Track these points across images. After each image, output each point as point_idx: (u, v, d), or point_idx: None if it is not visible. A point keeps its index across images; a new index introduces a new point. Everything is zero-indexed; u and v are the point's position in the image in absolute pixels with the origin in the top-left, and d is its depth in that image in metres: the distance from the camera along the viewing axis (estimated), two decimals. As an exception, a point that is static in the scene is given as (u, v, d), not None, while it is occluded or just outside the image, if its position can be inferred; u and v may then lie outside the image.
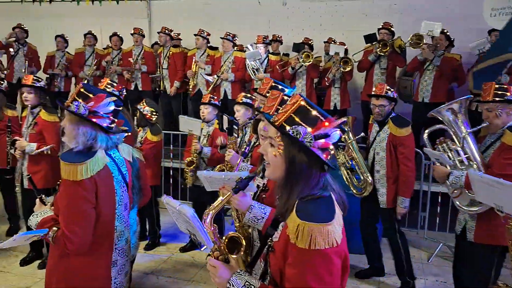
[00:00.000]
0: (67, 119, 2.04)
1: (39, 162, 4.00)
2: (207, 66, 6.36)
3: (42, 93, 4.08)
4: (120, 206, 2.11)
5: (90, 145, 2.00)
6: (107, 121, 2.03)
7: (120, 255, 2.14)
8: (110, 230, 2.08)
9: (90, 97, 1.99)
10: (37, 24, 7.82)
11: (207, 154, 4.29)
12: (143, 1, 7.96)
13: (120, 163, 2.15)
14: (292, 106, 1.43)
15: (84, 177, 1.92)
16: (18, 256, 4.40)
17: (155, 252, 4.63)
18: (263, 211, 1.93)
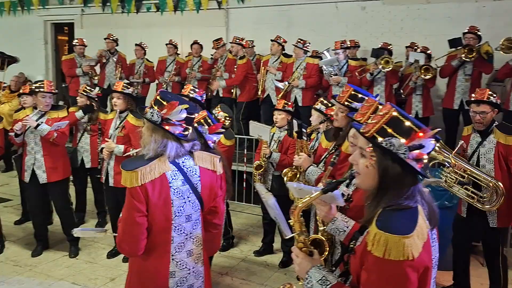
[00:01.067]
0: (145, 126, 2.08)
1: (125, 164, 4.27)
2: (278, 72, 6.41)
3: (130, 99, 4.35)
4: (178, 217, 2.04)
5: (161, 152, 2.01)
6: (179, 128, 2.02)
7: (179, 267, 2.07)
8: (166, 241, 2.04)
9: (164, 105, 2.00)
10: (125, 33, 8.38)
11: (275, 160, 4.31)
12: (222, 9, 8.21)
13: (190, 172, 2.08)
14: (383, 117, 1.41)
15: (136, 185, 1.93)
16: (106, 249, 4.73)
17: (229, 254, 4.73)
18: (346, 224, 1.89)
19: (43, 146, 4.31)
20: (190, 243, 2.11)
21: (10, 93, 7.79)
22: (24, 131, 4.28)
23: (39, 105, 4.31)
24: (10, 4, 10.36)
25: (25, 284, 3.96)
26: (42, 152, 4.32)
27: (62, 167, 4.47)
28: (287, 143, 4.35)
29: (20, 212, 5.60)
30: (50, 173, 4.34)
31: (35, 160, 4.32)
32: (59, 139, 4.29)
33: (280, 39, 6.48)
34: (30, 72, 9.45)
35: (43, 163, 4.32)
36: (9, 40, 10.35)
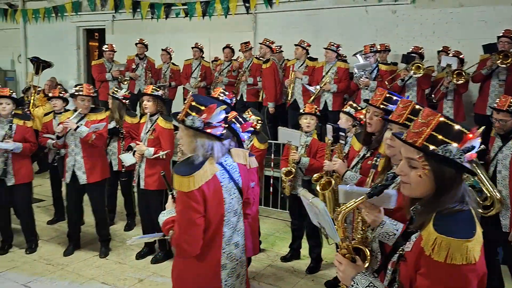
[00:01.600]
0: (183, 133, 2.11)
1: (155, 166, 4.31)
2: (305, 76, 6.38)
3: (160, 101, 4.41)
4: (229, 213, 2.14)
5: (210, 155, 2.07)
6: (220, 129, 2.08)
7: (229, 259, 2.18)
8: (219, 236, 2.14)
9: (202, 110, 2.03)
10: (154, 39, 8.53)
11: (305, 164, 4.27)
12: (250, 14, 8.26)
13: (232, 169, 2.18)
14: (430, 124, 1.41)
15: (193, 188, 1.99)
16: (134, 250, 4.78)
17: (256, 258, 4.71)
18: (395, 227, 1.86)
19: (83, 148, 4.40)
20: (236, 235, 2.22)
21: (44, 96, 8.03)
22: (65, 133, 4.37)
23: (79, 108, 4.42)
24: (45, 11, 10.72)
25: (57, 282, 4.04)
26: (82, 153, 4.41)
27: (101, 169, 4.55)
28: (315, 147, 4.32)
29: (52, 212, 5.74)
30: (89, 174, 4.44)
31: (75, 162, 4.42)
32: (97, 140, 4.38)
33: (303, 43, 6.47)
34: (62, 76, 9.74)
35: (83, 164, 4.41)
36: (44, 45, 10.72)
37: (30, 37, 11.28)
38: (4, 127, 4.36)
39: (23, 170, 4.46)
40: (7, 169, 4.38)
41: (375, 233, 1.89)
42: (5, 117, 4.36)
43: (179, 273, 2.22)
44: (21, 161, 4.45)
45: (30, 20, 11.03)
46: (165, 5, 8.98)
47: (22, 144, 4.36)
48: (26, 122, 4.47)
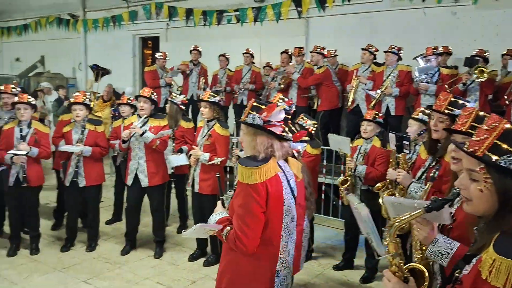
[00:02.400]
0: (243, 133, 2.16)
1: (210, 171, 4.35)
2: (369, 81, 6.22)
3: (217, 107, 4.46)
4: (287, 216, 2.13)
5: (271, 153, 2.09)
6: (279, 129, 2.11)
7: (283, 266, 2.15)
8: (277, 239, 2.12)
9: (262, 108, 2.09)
10: (206, 45, 8.68)
11: (361, 173, 4.14)
12: (302, 19, 8.22)
13: (290, 176, 2.18)
14: (494, 131, 1.26)
15: (257, 181, 2.01)
16: (187, 252, 4.87)
17: (308, 265, 4.63)
18: (450, 246, 1.71)
19: (146, 152, 4.55)
20: (291, 243, 2.19)
21: (103, 102, 8.41)
22: (130, 138, 4.53)
23: (139, 111, 4.58)
24: (103, 20, 11.24)
25: (115, 280, 4.18)
26: (145, 158, 4.55)
27: (162, 173, 4.69)
28: (374, 155, 4.19)
29: (110, 212, 5.97)
30: (151, 178, 4.57)
31: (138, 165, 4.57)
32: (161, 146, 4.52)
33: (372, 47, 6.31)
34: (119, 83, 10.15)
35: (146, 168, 4.55)
36: (102, 54, 11.24)
37: (90, 45, 11.86)
38: (78, 131, 4.59)
39: (93, 173, 4.67)
40: (79, 171, 4.60)
41: (427, 251, 1.76)
42: (79, 122, 4.59)
43: (232, 276, 2.19)
44: (92, 164, 4.65)
45: (90, 30, 11.61)
46: (217, 12, 9.14)
47: (92, 148, 4.56)
48: (97, 127, 4.68)
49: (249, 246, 2.05)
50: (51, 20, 12.25)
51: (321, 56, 6.69)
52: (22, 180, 4.43)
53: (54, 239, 5.15)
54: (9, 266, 4.38)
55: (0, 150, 4.46)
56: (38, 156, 4.52)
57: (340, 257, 4.72)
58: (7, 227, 4.98)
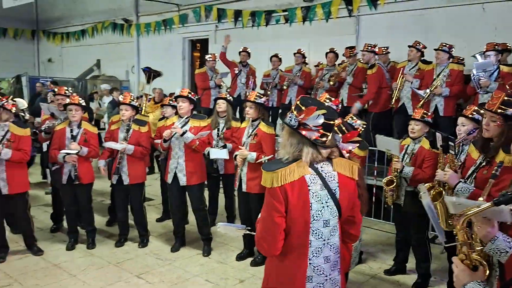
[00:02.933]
0: (285, 129, 2.11)
1: (257, 170, 4.34)
2: (416, 80, 5.99)
3: (262, 107, 4.46)
4: (317, 221, 2.03)
5: (298, 156, 2.02)
6: (315, 134, 2.00)
7: (316, 272, 2.06)
8: (304, 244, 2.04)
9: (302, 110, 2.01)
10: (254, 46, 8.71)
11: (408, 174, 3.98)
12: (352, 17, 8.06)
13: (329, 178, 2.06)
14: None
15: (275, 185, 1.96)
16: (234, 251, 4.89)
17: (357, 269, 4.51)
18: (509, 244, 1.71)
19: (186, 152, 4.63)
20: (328, 250, 2.09)
21: (154, 104, 8.67)
22: (171, 137, 4.64)
23: (179, 111, 4.68)
24: (155, 24, 11.61)
25: (166, 276, 4.27)
26: (185, 157, 4.64)
27: (200, 172, 4.76)
28: (422, 156, 4.01)
29: (161, 210, 6.12)
30: (189, 177, 4.65)
31: (177, 164, 4.67)
32: (200, 147, 4.59)
33: (419, 44, 6.07)
34: (169, 85, 10.42)
35: (184, 167, 4.64)
36: (153, 56, 11.61)
37: (142, 49, 12.28)
38: (123, 130, 4.76)
39: (136, 171, 4.81)
40: (123, 169, 4.76)
41: (486, 247, 1.75)
42: (125, 122, 4.75)
43: (268, 274, 2.21)
44: (135, 163, 4.80)
45: (142, 34, 12.03)
46: (265, 13, 9.17)
47: (134, 147, 4.71)
48: (141, 128, 4.82)
49: (269, 249, 2.04)
50: (107, 25, 12.82)
51: (373, 55, 6.50)
52: (74, 178, 4.64)
53: (108, 234, 5.36)
54: (68, 259, 4.60)
55: (53, 149, 4.69)
56: (88, 155, 4.71)
57: (391, 261, 4.56)
58: (65, 222, 5.24)
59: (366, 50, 6.55)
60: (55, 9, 14.61)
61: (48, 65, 15.20)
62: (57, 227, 5.47)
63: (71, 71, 13.85)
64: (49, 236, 5.27)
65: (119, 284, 4.08)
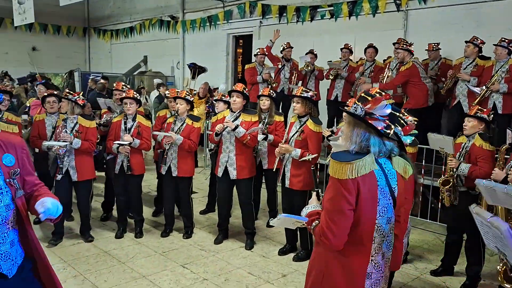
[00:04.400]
0: (345, 123, 2.09)
1: (301, 167, 4.35)
2: (473, 78, 5.74)
3: (310, 103, 4.42)
4: (382, 217, 2.02)
5: (365, 146, 1.98)
6: (382, 124, 1.97)
7: (375, 268, 2.06)
8: (368, 240, 2.02)
9: (368, 100, 1.98)
10: (298, 41, 8.66)
11: (464, 171, 3.85)
12: (400, 12, 7.84)
13: (391, 176, 2.04)
14: None
15: (348, 177, 1.92)
16: (277, 245, 4.92)
17: (402, 269, 4.42)
18: None
19: (236, 146, 4.69)
20: (385, 246, 2.08)
21: (198, 99, 8.83)
22: (222, 131, 4.71)
23: (232, 106, 4.75)
24: (200, 21, 11.80)
25: (210, 267, 4.36)
26: (235, 151, 4.71)
27: (250, 167, 4.81)
28: (474, 154, 3.89)
29: (204, 203, 6.25)
30: (239, 171, 4.71)
31: (228, 158, 4.74)
32: (251, 141, 4.63)
33: (476, 40, 5.81)
34: (212, 81, 10.58)
35: (235, 161, 4.70)
36: (198, 53, 11.82)
37: (187, 45, 12.53)
38: (177, 124, 4.92)
39: (184, 165, 4.93)
40: (172, 161, 4.90)
41: None
42: (180, 115, 4.91)
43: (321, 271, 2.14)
44: (184, 155, 4.93)
45: (188, 30, 12.27)
46: (310, 8, 9.09)
47: (183, 139, 4.83)
48: (194, 123, 4.95)
49: (334, 243, 1.98)
50: (154, 22, 13.17)
51: (408, 53, 6.28)
52: (127, 169, 4.82)
53: (155, 224, 5.54)
54: (117, 247, 4.79)
55: (109, 140, 4.91)
56: (140, 147, 4.88)
57: (437, 262, 4.44)
58: (114, 212, 5.47)
59: (401, 48, 6.35)
60: (106, 7, 15.18)
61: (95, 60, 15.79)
62: (107, 216, 5.71)
63: (119, 67, 14.36)
64: (100, 224, 5.51)
65: (165, 272, 4.21)
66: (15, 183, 1.97)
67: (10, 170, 1.97)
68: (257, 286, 4.00)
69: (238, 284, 4.03)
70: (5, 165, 1.96)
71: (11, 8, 10.85)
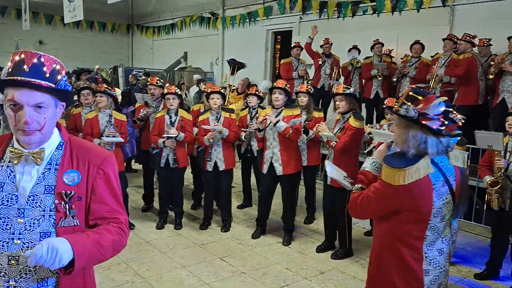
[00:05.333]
0: (395, 124, 2.05)
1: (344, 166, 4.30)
2: None
3: (353, 99, 4.38)
4: (435, 217, 2.00)
5: (423, 149, 1.94)
6: (437, 123, 1.92)
7: (432, 265, 2.04)
8: (420, 238, 2.02)
9: (419, 100, 1.92)
10: (339, 37, 8.56)
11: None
12: (446, 7, 7.57)
13: (448, 172, 2.02)
14: None
15: (400, 183, 1.89)
16: (314, 242, 4.91)
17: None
18: None
19: (280, 141, 4.70)
20: (440, 242, 2.06)
21: (237, 94, 8.90)
22: (265, 127, 4.74)
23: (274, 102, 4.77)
24: (240, 17, 11.86)
25: (247, 261, 4.41)
26: (279, 147, 4.72)
27: (295, 162, 4.80)
28: None
29: (241, 198, 6.31)
30: (285, 166, 4.71)
31: (273, 154, 4.76)
32: (294, 135, 4.62)
33: None
34: (251, 77, 10.62)
35: (280, 156, 4.72)
36: (237, 49, 11.88)
37: (227, 41, 12.62)
38: (213, 118, 5.02)
39: (229, 158, 5.04)
40: (218, 155, 5.00)
41: None
42: (215, 110, 5.00)
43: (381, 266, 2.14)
44: (228, 147, 5.04)
45: (228, 26, 12.36)
46: (352, 3, 8.95)
47: (229, 131, 4.92)
48: (231, 114, 5.07)
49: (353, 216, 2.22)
50: (195, 19, 13.36)
51: (470, 45, 6.06)
52: (173, 162, 4.95)
53: (193, 217, 5.65)
54: (158, 237, 4.93)
55: (153, 135, 5.04)
56: (184, 140, 4.99)
57: (482, 266, 4.29)
58: (155, 203, 5.62)
59: (464, 40, 6.12)
60: (148, 4, 15.52)
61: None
62: (148, 207, 5.88)
63: (160, 62, 14.66)
64: (141, 215, 5.69)
65: (204, 264, 4.30)
66: (65, 208, 1.50)
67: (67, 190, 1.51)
68: (294, 282, 4.01)
69: (276, 279, 4.05)
70: (64, 183, 1.51)
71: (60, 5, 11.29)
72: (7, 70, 1.49)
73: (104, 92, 4.79)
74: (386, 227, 2.08)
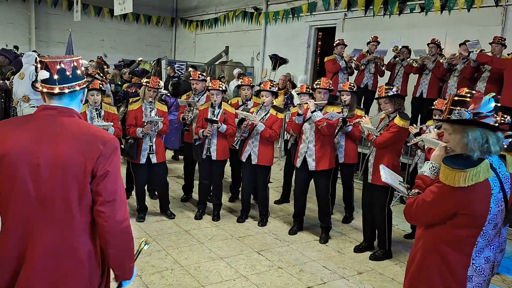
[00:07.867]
0: (448, 133, 2.01)
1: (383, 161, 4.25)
2: None
3: (397, 99, 4.30)
4: (489, 224, 1.96)
5: (487, 149, 1.91)
6: (492, 119, 1.93)
7: (477, 272, 2.01)
8: (471, 244, 1.99)
9: (467, 101, 1.90)
10: (385, 35, 8.37)
11: None
12: (499, 7, 7.26)
13: (505, 179, 1.98)
14: None
15: (461, 185, 1.85)
16: (352, 242, 4.86)
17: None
18: None
19: (316, 137, 4.70)
20: (488, 249, 2.03)
21: (278, 89, 8.89)
22: (303, 122, 4.74)
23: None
24: (283, 12, 11.83)
25: (284, 256, 4.43)
26: (315, 142, 4.72)
27: (329, 158, 4.77)
28: None
29: (279, 193, 6.33)
30: (318, 162, 4.71)
31: (307, 149, 4.76)
32: (327, 128, 4.58)
33: None
34: (292, 72, 10.60)
35: (314, 152, 4.72)
36: (279, 44, 11.88)
37: (269, 36, 12.63)
38: (261, 114, 5.09)
39: (265, 154, 5.05)
40: (253, 149, 5.04)
41: None
42: (264, 106, 5.09)
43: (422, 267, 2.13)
44: (265, 144, 5.05)
45: (270, 22, 12.36)
46: (399, 1, 8.73)
47: (265, 127, 4.94)
48: (278, 113, 5.06)
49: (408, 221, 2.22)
50: (238, 14, 13.44)
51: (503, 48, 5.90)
52: (213, 154, 5.04)
53: (231, 210, 5.72)
54: (196, 227, 5.04)
55: (197, 127, 5.14)
56: (226, 132, 5.06)
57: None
58: (193, 194, 5.73)
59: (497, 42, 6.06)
60: (193, -1, 15.79)
61: (180, 49, 16.48)
62: (187, 197, 6.01)
63: (202, 56, 14.88)
64: (180, 204, 5.82)
65: (241, 256, 4.35)
66: None
67: None
68: (332, 281, 4.00)
69: (312, 276, 4.05)
70: None
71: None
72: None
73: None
74: (435, 231, 2.05)
